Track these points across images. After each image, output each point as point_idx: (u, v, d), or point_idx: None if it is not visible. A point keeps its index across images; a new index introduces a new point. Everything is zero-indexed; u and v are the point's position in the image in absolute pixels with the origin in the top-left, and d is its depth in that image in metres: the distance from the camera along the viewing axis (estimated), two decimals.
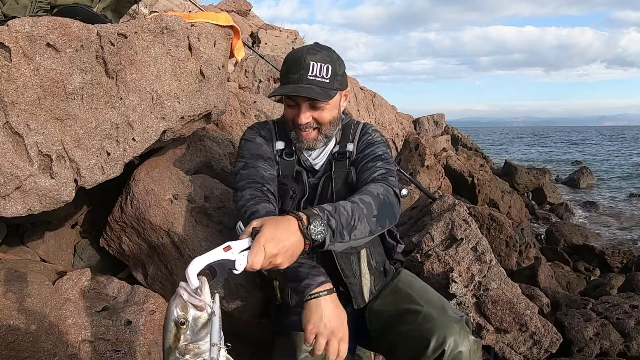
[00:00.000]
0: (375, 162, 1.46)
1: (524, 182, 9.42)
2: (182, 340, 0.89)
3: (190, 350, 0.90)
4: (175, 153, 2.14)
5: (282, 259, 1.04)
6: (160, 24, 1.73)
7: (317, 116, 1.42)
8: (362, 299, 1.52)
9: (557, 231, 6.25)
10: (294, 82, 1.37)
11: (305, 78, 1.36)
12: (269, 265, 1.03)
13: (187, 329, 0.89)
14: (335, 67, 1.40)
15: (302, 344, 1.41)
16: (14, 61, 1.37)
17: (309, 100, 1.39)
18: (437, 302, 1.43)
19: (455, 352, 1.29)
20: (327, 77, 1.38)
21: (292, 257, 1.08)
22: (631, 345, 2.64)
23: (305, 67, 1.37)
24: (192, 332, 0.90)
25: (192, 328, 0.90)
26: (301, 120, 1.40)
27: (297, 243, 1.07)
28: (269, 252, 1.00)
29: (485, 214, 3.91)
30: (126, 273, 2.16)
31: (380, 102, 6.05)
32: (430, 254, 2.41)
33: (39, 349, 1.48)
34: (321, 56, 1.39)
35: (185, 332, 0.89)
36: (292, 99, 1.42)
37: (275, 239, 1.01)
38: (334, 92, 1.40)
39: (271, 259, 1.01)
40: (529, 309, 2.34)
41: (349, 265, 1.48)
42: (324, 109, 1.41)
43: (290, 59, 1.43)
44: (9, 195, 1.41)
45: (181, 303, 0.90)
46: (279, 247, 1.02)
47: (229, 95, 2.50)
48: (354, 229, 1.20)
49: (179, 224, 1.90)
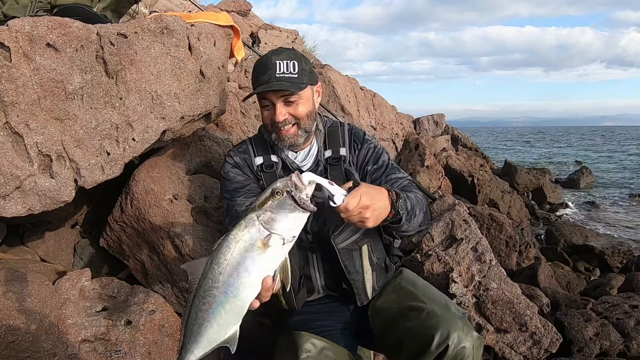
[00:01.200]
0: (397, 174, 1.58)
1: (524, 182, 9.42)
2: (267, 206, 1.01)
3: (267, 218, 1.01)
4: (175, 153, 2.14)
5: (371, 214, 1.18)
6: (160, 24, 1.73)
7: (292, 111, 1.48)
8: (366, 296, 1.53)
9: (557, 231, 6.25)
10: (264, 82, 1.45)
11: (274, 76, 1.44)
12: (357, 215, 1.16)
13: (278, 200, 1.01)
14: (301, 63, 1.48)
15: (303, 344, 1.41)
16: (14, 61, 1.37)
17: (282, 97, 1.46)
18: (440, 299, 1.44)
19: (458, 348, 1.30)
20: (295, 72, 1.46)
21: (378, 218, 1.22)
22: (631, 345, 2.64)
23: (272, 67, 1.45)
24: (279, 207, 1.01)
25: (282, 204, 1.02)
26: (278, 118, 1.47)
27: (385, 208, 1.24)
28: (363, 202, 1.15)
29: (485, 214, 3.91)
30: (126, 273, 2.16)
31: (380, 102, 6.05)
32: (430, 254, 2.41)
33: (39, 349, 1.48)
34: (286, 55, 1.48)
35: (275, 201, 1.02)
36: (266, 99, 1.48)
37: (370, 196, 1.18)
38: (303, 85, 1.47)
39: (362, 209, 1.16)
40: (529, 309, 2.34)
41: (351, 262, 1.49)
42: (297, 103, 1.48)
43: (258, 65, 1.51)
44: (9, 195, 1.41)
45: (288, 181, 1.03)
46: (372, 203, 1.18)
47: (229, 95, 2.50)
48: (415, 216, 1.39)
49: (179, 224, 1.90)
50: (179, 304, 2.04)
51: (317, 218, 1.51)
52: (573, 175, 14.71)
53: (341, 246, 1.45)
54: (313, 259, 1.55)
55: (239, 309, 1.05)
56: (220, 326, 1.05)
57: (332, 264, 1.52)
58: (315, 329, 1.49)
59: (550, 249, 5.62)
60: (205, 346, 1.06)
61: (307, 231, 1.52)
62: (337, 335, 1.51)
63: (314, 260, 1.55)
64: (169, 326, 1.74)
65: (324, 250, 1.52)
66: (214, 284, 1.02)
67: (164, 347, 1.67)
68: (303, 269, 1.54)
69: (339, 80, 5.03)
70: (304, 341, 1.42)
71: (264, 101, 1.50)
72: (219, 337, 1.06)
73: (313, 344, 1.42)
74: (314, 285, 1.56)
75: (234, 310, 1.04)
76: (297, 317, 1.57)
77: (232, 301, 1.03)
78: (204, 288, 1.03)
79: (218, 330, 1.05)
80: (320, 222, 1.49)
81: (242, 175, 1.59)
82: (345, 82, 5.19)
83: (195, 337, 1.05)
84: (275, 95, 1.46)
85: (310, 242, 1.53)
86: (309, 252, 1.54)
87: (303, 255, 1.54)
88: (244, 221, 1.04)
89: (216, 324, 1.04)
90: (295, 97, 1.47)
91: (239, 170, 1.60)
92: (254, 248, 1.02)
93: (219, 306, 1.03)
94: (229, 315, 1.04)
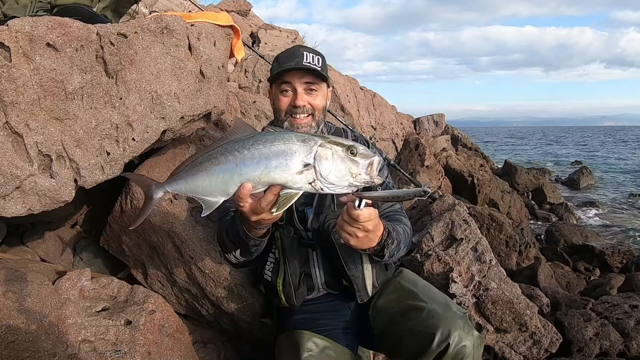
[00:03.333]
0: None
1: (523, 182, 9.42)
2: (335, 149, 1.05)
3: (324, 154, 1.05)
4: (175, 153, 2.13)
5: (361, 237, 1.22)
6: (160, 24, 1.73)
7: (312, 101, 1.53)
8: (366, 293, 1.53)
9: (557, 231, 6.25)
10: (293, 67, 1.50)
11: (302, 63, 1.49)
12: (354, 229, 1.20)
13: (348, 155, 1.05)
14: (324, 61, 1.56)
15: (305, 343, 1.41)
16: (14, 61, 1.37)
17: (305, 83, 1.51)
18: (441, 299, 1.45)
19: (459, 347, 1.30)
20: (319, 66, 1.53)
21: (361, 244, 1.26)
22: (631, 345, 2.64)
23: (300, 55, 1.51)
24: (343, 159, 1.05)
25: (346, 160, 1.05)
26: (298, 102, 1.50)
27: (371, 242, 1.28)
28: (369, 224, 1.19)
29: (485, 214, 3.91)
30: (126, 273, 2.16)
31: (380, 102, 6.05)
32: (430, 254, 2.41)
33: (39, 348, 1.48)
34: (311, 49, 1.56)
35: (345, 152, 1.05)
36: (288, 85, 1.52)
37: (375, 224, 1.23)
38: (325, 78, 1.55)
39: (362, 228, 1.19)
40: (528, 309, 2.33)
41: (351, 258, 1.50)
42: (317, 95, 1.54)
43: (283, 54, 1.57)
44: (9, 195, 1.41)
45: (368, 157, 1.06)
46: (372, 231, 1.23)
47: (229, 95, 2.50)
48: (398, 251, 1.44)
49: (179, 224, 1.90)
50: (179, 304, 2.04)
51: (318, 215, 1.52)
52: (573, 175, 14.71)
53: (341, 241, 1.46)
54: (313, 256, 1.55)
55: (231, 186, 1.09)
56: (210, 186, 1.11)
57: (332, 261, 1.52)
58: (317, 328, 1.50)
59: (550, 249, 5.62)
60: (190, 189, 1.13)
61: (308, 228, 1.52)
62: (339, 335, 1.51)
63: (314, 257, 1.55)
64: (169, 326, 1.74)
65: (324, 247, 1.52)
66: (236, 152, 1.07)
67: (164, 347, 1.67)
68: (303, 266, 1.55)
69: (339, 80, 5.03)
70: (305, 340, 1.43)
71: (284, 85, 1.54)
72: (202, 193, 1.13)
73: (315, 343, 1.42)
74: (314, 283, 1.56)
75: (228, 184, 1.09)
76: (298, 316, 1.57)
77: (234, 176, 1.08)
78: (228, 149, 1.09)
79: (205, 186, 1.11)
80: (321, 219, 1.50)
81: None
82: (345, 82, 5.19)
83: (188, 176, 1.13)
84: (299, 80, 1.51)
85: (310, 239, 1.53)
86: (309, 250, 1.55)
87: (303, 252, 1.55)
88: (307, 137, 1.07)
89: (208, 180, 1.10)
90: (317, 87, 1.53)
91: None
92: (291, 160, 1.05)
93: (222, 170, 1.09)
94: (222, 183, 1.09)
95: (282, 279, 1.52)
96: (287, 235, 1.53)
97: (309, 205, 1.54)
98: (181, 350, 1.71)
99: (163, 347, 1.67)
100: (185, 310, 2.05)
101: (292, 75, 1.51)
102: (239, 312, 1.88)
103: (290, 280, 1.51)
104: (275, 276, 1.54)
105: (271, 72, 1.61)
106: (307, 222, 1.53)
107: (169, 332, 1.72)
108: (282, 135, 1.08)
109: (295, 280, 1.52)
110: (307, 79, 1.51)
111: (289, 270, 1.52)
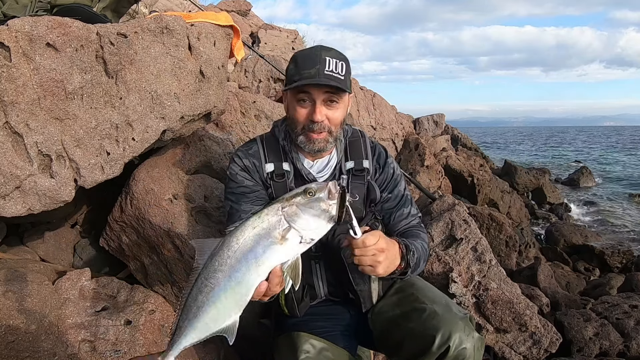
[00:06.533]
0: (409, 208, 1.57)
1: (523, 182, 9.43)
2: (296, 201, 1.03)
3: (292, 212, 1.03)
4: (175, 153, 2.14)
5: (384, 259, 1.19)
6: (160, 24, 1.73)
7: (330, 115, 1.38)
8: (370, 302, 1.53)
9: (557, 231, 6.26)
10: (310, 77, 1.32)
11: (323, 73, 1.32)
12: (371, 257, 1.17)
13: (308, 199, 1.03)
14: (348, 66, 1.38)
15: (302, 344, 1.41)
16: (14, 61, 1.37)
17: (325, 95, 1.34)
18: (442, 300, 1.44)
19: (460, 349, 1.29)
20: (343, 74, 1.35)
21: (389, 266, 1.23)
22: (631, 345, 2.64)
23: (322, 62, 1.33)
24: (308, 205, 1.03)
25: (311, 204, 1.03)
26: (317, 117, 1.35)
27: (396, 258, 1.27)
28: (380, 244, 1.17)
29: (485, 214, 3.92)
30: (126, 273, 2.16)
31: (380, 101, 6.05)
32: (430, 254, 2.42)
33: (38, 348, 1.48)
34: (336, 53, 1.37)
35: (305, 199, 1.03)
36: (306, 95, 1.35)
37: (386, 241, 1.21)
38: (348, 90, 1.37)
39: (377, 251, 1.17)
40: (528, 308, 2.34)
41: (359, 273, 1.44)
42: (337, 107, 1.38)
43: (302, 56, 1.38)
44: (9, 195, 1.41)
45: (324, 187, 1.04)
46: (387, 248, 1.20)
47: (229, 95, 2.50)
48: (418, 267, 1.41)
49: (179, 224, 1.90)
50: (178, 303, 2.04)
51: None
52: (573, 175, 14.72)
53: (351, 260, 1.43)
54: (316, 268, 1.53)
55: (241, 297, 1.02)
56: (219, 312, 1.02)
57: (336, 274, 1.50)
58: (315, 330, 1.49)
59: (550, 249, 5.62)
60: (201, 331, 1.03)
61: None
62: (337, 336, 1.50)
63: (317, 269, 1.53)
64: (169, 326, 1.74)
65: (327, 259, 1.50)
66: (220, 267, 1.01)
67: (164, 347, 1.67)
68: (306, 278, 1.53)
69: None
70: (303, 342, 1.42)
71: (301, 95, 1.36)
72: (217, 324, 1.04)
73: (312, 344, 1.42)
74: (317, 294, 1.55)
75: (236, 297, 1.02)
76: (297, 318, 1.56)
77: (235, 287, 1.01)
78: (210, 269, 1.01)
79: (216, 316, 1.03)
80: (329, 233, 1.46)
81: (250, 180, 1.49)
82: None
83: (192, 320, 1.02)
84: (320, 92, 1.34)
85: (314, 252, 1.49)
86: (312, 261, 1.52)
87: (306, 264, 1.51)
88: (266, 209, 1.04)
89: (215, 309, 1.02)
90: (338, 98, 1.36)
91: (248, 174, 1.49)
92: (270, 237, 1.02)
93: (221, 290, 1.01)
94: (229, 301, 1.02)
95: (283, 293, 1.49)
96: None
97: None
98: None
99: (163, 347, 1.67)
100: None
101: (310, 85, 1.33)
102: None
103: (293, 296, 1.48)
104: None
105: (287, 73, 1.43)
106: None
107: (168, 332, 1.72)
108: (244, 225, 1.03)
109: (299, 295, 1.49)
110: (328, 90, 1.34)
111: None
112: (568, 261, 5.23)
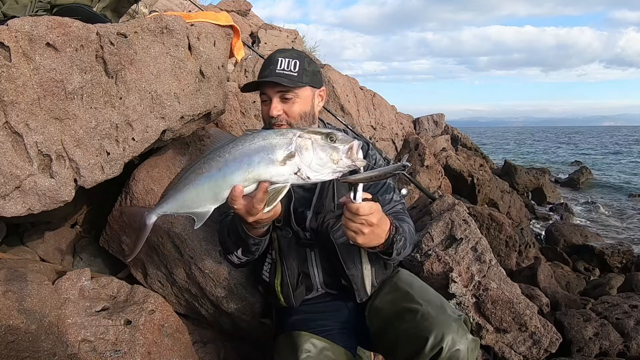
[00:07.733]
0: (391, 194, 1.59)
1: (523, 182, 9.43)
2: (314, 137, 1.06)
3: (304, 143, 1.06)
4: (175, 153, 2.14)
5: (368, 232, 1.21)
6: (160, 24, 1.73)
7: (286, 109, 1.49)
8: (365, 292, 1.53)
9: (557, 231, 6.25)
10: (264, 77, 1.50)
11: (274, 72, 1.48)
12: (358, 225, 1.19)
13: (327, 142, 1.06)
14: (302, 63, 1.51)
15: (303, 344, 1.41)
16: (14, 61, 1.37)
17: (278, 92, 1.48)
18: (436, 301, 1.44)
19: (452, 350, 1.29)
20: (295, 71, 1.49)
21: (369, 241, 1.24)
22: (630, 345, 2.64)
23: (275, 63, 1.50)
24: (323, 147, 1.06)
25: (326, 148, 1.06)
26: (272, 112, 1.48)
27: (380, 237, 1.27)
28: (372, 217, 1.18)
29: (485, 214, 3.91)
30: (126, 273, 2.16)
31: (379, 101, 6.04)
32: (430, 254, 2.41)
33: (38, 348, 1.48)
34: (289, 53, 1.53)
35: (323, 140, 1.06)
36: (265, 94, 1.52)
37: (379, 217, 1.21)
38: (301, 84, 1.49)
39: (365, 221, 1.18)
40: (528, 308, 2.33)
41: (350, 257, 1.49)
42: (294, 101, 1.49)
43: (264, 61, 1.56)
44: (9, 195, 1.41)
45: (347, 142, 1.07)
46: (377, 223, 1.21)
47: (229, 95, 2.50)
48: (404, 249, 1.42)
49: (179, 224, 1.90)
50: (178, 303, 2.04)
51: (317, 215, 1.52)
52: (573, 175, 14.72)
53: (340, 241, 1.45)
54: (311, 255, 1.55)
55: (220, 191, 1.09)
56: (199, 196, 1.11)
57: (330, 261, 1.52)
58: (315, 329, 1.50)
59: (550, 249, 5.62)
60: (180, 206, 1.13)
61: (306, 228, 1.52)
62: (337, 335, 1.51)
63: (312, 257, 1.55)
64: (169, 326, 1.74)
65: (322, 247, 1.52)
66: (217, 158, 1.08)
67: (164, 347, 1.67)
68: (301, 266, 1.55)
69: (339, 80, 5.02)
70: (303, 341, 1.43)
71: (263, 96, 1.53)
72: (192, 206, 1.12)
73: (313, 344, 1.43)
74: (312, 283, 1.56)
75: (215, 190, 1.09)
76: (297, 316, 1.57)
77: (218, 180, 1.08)
78: (210, 157, 1.09)
79: (195, 198, 1.11)
80: (320, 219, 1.50)
81: None
82: (345, 82, 5.19)
83: (176, 193, 1.12)
84: (272, 89, 1.49)
85: (308, 239, 1.53)
86: (307, 249, 1.55)
87: (301, 252, 1.55)
88: (285, 130, 1.08)
89: (196, 193, 1.10)
90: (292, 95, 1.49)
91: None
92: (272, 153, 1.05)
93: (207, 179, 1.09)
94: (209, 192, 1.09)
95: (279, 279, 1.53)
96: (285, 236, 1.53)
97: (307, 206, 1.54)
98: (181, 350, 1.71)
99: (163, 347, 1.67)
100: (184, 310, 2.05)
101: (265, 85, 1.50)
102: (238, 312, 1.88)
103: (288, 281, 1.51)
104: (273, 277, 1.54)
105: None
106: (305, 221, 1.53)
107: (168, 332, 1.72)
108: (261, 133, 1.09)
109: (294, 280, 1.52)
110: (279, 88, 1.48)
111: (286, 271, 1.52)
112: (568, 261, 5.23)
